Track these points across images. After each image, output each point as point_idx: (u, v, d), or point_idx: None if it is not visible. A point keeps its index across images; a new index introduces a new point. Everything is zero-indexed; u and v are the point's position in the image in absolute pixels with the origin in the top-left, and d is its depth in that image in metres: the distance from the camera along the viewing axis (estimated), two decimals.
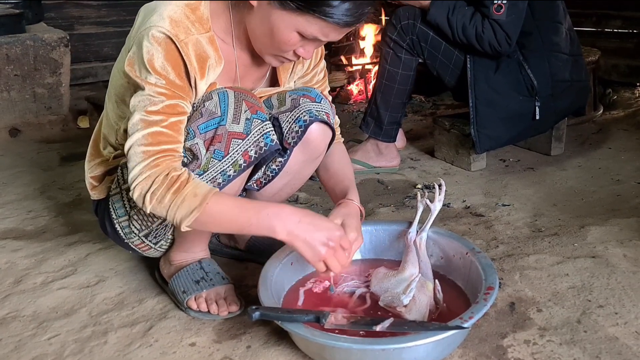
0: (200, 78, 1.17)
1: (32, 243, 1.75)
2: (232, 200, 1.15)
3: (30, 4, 3.24)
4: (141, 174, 1.11)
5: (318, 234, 1.10)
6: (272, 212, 1.10)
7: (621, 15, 3.27)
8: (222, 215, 1.12)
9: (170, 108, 1.13)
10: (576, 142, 2.47)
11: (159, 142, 1.12)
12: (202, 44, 1.16)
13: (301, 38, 1.13)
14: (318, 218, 1.13)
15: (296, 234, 1.10)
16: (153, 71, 1.11)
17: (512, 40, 1.96)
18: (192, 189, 1.10)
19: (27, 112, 2.88)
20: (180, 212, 1.10)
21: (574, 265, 1.44)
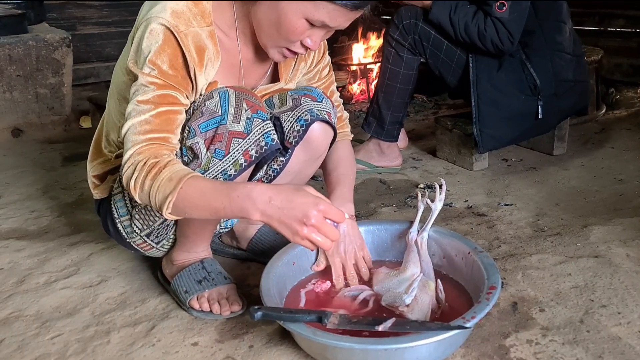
0: (199, 69, 1.17)
1: (35, 243, 1.75)
2: (206, 183, 1.07)
3: (33, 4, 3.25)
4: (126, 162, 1.12)
5: (293, 212, 0.99)
6: (243, 193, 1.01)
7: (624, 14, 3.27)
8: (196, 200, 1.06)
9: (160, 98, 1.14)
10: (579, 142, 2.46)
11: (145, 131, 1.13)
12: (202, 37, 1.16)
13: (309, 26, 1.13)
14: (293, 192, 1.01)
15: (269, 214, 1.00)
16: (148, 61, 1.12)
17: (514, 38, 1.96)
18: (168, 174, 1.08)
19: (30, 112, 2.88)
20: (157, 198, 1.08)
21: (576, 264, 1.44)
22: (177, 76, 1.15)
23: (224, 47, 1.23)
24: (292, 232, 1.00)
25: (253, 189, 1.02)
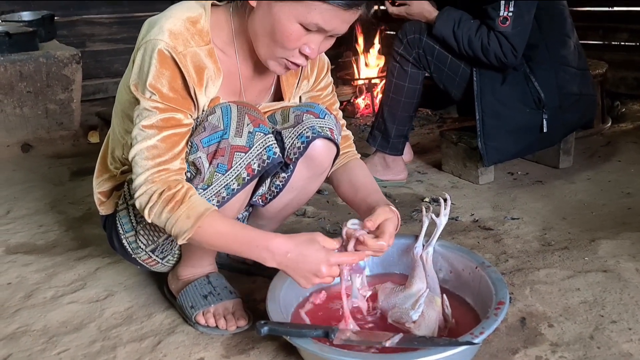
0: (199, 89, 1.18)
1: (42, 257, 1.76)
2: (225, 226, 1.14)
3: (44, 22, 3.30)
4: (140, 188, 1.15)
5: (307, 266, 1.10)
6: (262, 244, 1.11)
7: (628, 28, 3.27)
8: (213, 240, 1.15)
9: (164, 121, 1.15)
10: (585, 155, 2.45)
11: (153, 155, 1.15)
12: (201, 56, 1.17)
13: (305, 31, 1.12)
14: (308, 248, 1.10)
15: (285, 265, 1.11)
16: (148, 85, 1.14)
17: (518, 52, 1.97)
18: (186, 210, 1.13)
19: (39, 127, 2.91)
20: (174, 230, 1.14)
21: (585, 279, 1.43)
22: (177, 98, 1.16)
23: (223, 65, 1.23)
24: (305, 281, 1.12)
25: (271, 242, 1.11)
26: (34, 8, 3.76)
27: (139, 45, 1.18)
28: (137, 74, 1.17)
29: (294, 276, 1.12)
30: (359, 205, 1.35)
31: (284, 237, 1.12)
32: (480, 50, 1.99)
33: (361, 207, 1.33)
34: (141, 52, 1.16)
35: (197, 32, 1.17)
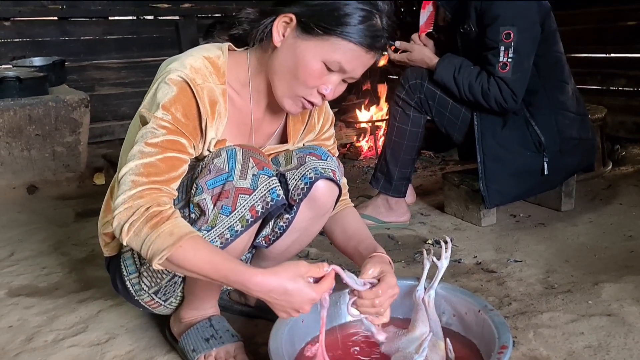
0: (211, 122, 1.21)
1: (44, 300, 1.76)
2: (207, 252, 1.08)
3: (54, 67, 3.39)
4: (124, 203, 1.10)
5: (291, 305, 1.08)
6: (240, 280, 1.06)
7: (626, 74, 3.34)
8: (192, 264, 1.08)
9: (169, 143, 1.16)
10: (586, 198, 2.46)
11: (150, 173, 1.12)
12: (216, 92, 1.21)
13: (326, 70, 1.18)
14: (293, 286, 1.06)
15: (268, 301, 1.08)
16: (161, 107, 1.16)
17: (517, 97, 2.01)
18: (171, 227, 1.08)
19: (46, 169, 2.96)
20: (152, 248, 1.07)
21: (589, 323, 1.42)
22: (188, 125, 1.18)
23: (235, 106, 1.28)
24: (286, 315, 1.10)
25: (251, 280, 1.05)
26: (46, 54, 3.88)
27: (157, 77, 1.22)
28: (150, 99, 1.20)
29: (274, 310, 1.10)
30: (352, 254, 1.39)
31: (266, 273, 1.07)
32: (480, 95, 2.03)
33: (354, 255, 1.38)
34: (159, 82, 1.19)
35: (214, 71, 1.22)
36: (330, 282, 1.11)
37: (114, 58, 4.37)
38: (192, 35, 4.50)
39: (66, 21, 4.18)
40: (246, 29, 1.29)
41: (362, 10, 1.15)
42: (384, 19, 1.18)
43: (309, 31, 1.16)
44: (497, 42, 1.97)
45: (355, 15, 1.15)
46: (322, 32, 1.15)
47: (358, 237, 1.39)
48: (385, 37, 1.20)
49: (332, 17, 1.14)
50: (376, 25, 1.17)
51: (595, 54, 3.53)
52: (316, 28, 1.15)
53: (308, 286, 1.07)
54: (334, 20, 1.14)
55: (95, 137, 3.98)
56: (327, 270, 1.10)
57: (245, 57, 1.30)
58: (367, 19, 1.15)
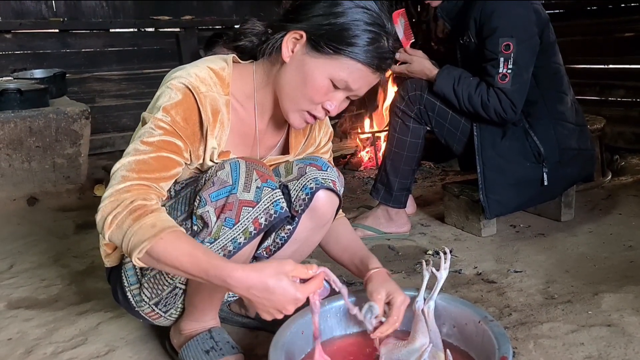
0: (212, 130, 1.23)
1: (44, 312, 1.76)
2: (188, 246, 1.05)
3: (55, 79, 3.40)
4: (110, 197, 1.09)
5: (272, 304, 1.03)
6: (220, 275, 1.01)
7: (624, 85, 3.36)
8: (172, 258, 1.04)
9: (165, 143, 1.17)
10: (586, 208, 2.47)
11: (141, 170, 1.13)
12: (219, 102, 1.23)
13: (332, 87, 1.22)
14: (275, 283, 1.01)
15: (248, 298, 1.03)
16: (162, 109, 1.18)
17: (517, 107, 2.02)
18: (153, 219, 1.07)
19: (46, 181, 2.96)
20: (133, 240, 1.05)
21: (589, 333, 1.41)
22: (187, 129, 1.20)
23: (239, 117, 1.30)
24: (268, 315, 1.05)
25: (231, 274, 1.01)
26: (47, 66, 3.90)
27: (162, 85, 1.23)
28: (153, 103, 1.21)
29: (257, 309, 1.05)
30: (347, 265, 1.43)
31: (248, 268, 1.02)
32: (480, 106, 2.04)
33: (350, 267, 1.42)
34: (163, 88, 1.21)
35: (219, 82, 1.25)
36: (317, 283, 1.05)
37: (115, 70, 4.39)
38: (192, 47, 4.53)
39: (67, 33, 4.21)
40: (253, 42, 1.31)
41: (370, 32, 1.18)
42: (391, 40, 1.22)
43: (319, 49, 1.19)
44: (496, 53, 1.99)
45: (364, 36, 1.18)
46: (332, 51, 1.18)
47: (352, 249, 1.41)
48: (391, 58, 1.24)
49: (342, 37, 1.17)
50: (383, 47, 1.21)
51: (593, 65, 3.56)
52: (326, 47, 1.18)
53: (292, 285, 1.02)
54: (344, 40, 1.17)
55: (95, 149, 3.99)
56: (315, 272, 1.05)
57: (251, 69, 1.32)
58: (375, 41, 1.19)
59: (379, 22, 1.20)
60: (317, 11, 1.20)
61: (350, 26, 1.18)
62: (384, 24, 1.21)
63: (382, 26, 1.21)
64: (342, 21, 1.18)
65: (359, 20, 1.18)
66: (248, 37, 1.32)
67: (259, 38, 1.30)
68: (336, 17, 1.18)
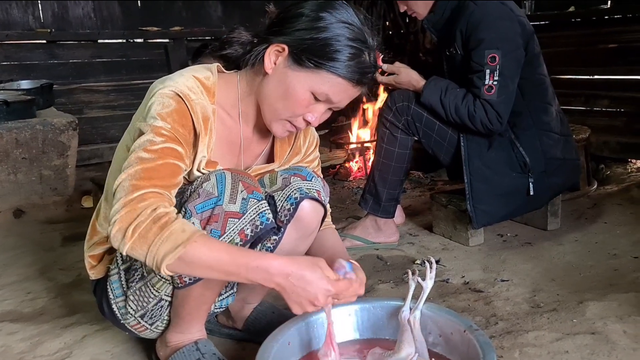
0: (203, 136, 1.23)
1: (29, 325, 1.74)
2: (222, 245, 1.10)
3: (42, 90, 3.39)
4: (125, 207, 1.07)
5: (307, 293, 1.08)
6: (262, 265, 1.06)
7: (608, 95, 3.40)
8: (209, 258, 1.06)
9: (168, 150, 1.17)
10: (572, 217, 2.49)
11: (151, 177, 1.12)
12: (207, 110, 1.24)
13: (314, 100, 1.23)
14: (310, 271, 1.08)
15: (284, 286, 1.08)
16: (160, 117, 1.18)
17: (503, 119, 2.04)
18: (181, 224, 1.08)
19: (33, 193, 2.93)
20: (164, 247, 1.05)
21: (573, 341, 1.42)
22: (185, 135, 1.20)
23: (225, 125, 1.31)
24: (299, 307, 1.10)
25: (272, 263, 1.07)
26: (34, 77, 3.89)
27: (151, 94, 1.23)
28: (145, 113, 1.20)
29: (289, 300, 1.10)
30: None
31: (285, 258, 1.09)
32: (467, 117, 2.06)
33: None
34: (153, 99, 1.21)
35: (205, 91, 1.26)
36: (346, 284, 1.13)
37: (103, 81, 4.38)
38: (181, 58, 4.54)
39: (54, 44, 4.20)
40: (237, 51, 1.32)
41: (352, 47, 1.20)
42: (372, 55, 1.24)
43: (300, 63, 1.20)
44: (482, 65, 2.01)
45: (345, 52, 1.19)
46: (313, 65, 1.19)
47: (332, 251, 1.41)
48: (372, 72, 1.25)
49: (324, 52, 1.19)
50: (365, 61, 1.22)
51: (579, 76, 3.60)
52: (307, 61, 1.20)
53: (325, 278, 1.09)
54: (325, 55, 1.19)
55: (84, 160, 3.97)
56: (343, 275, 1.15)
57: (235, 78, 1.33)
58: (356, 56, 1.20)
59: (361, 38, 1.22)
60: (300, 25, 1.21)
61: (332, 41, 1.19)
62: (366, 39, 1.23)
63: (364, 41, 1.22)
64: (324, 36, 1.19)
65: (340, 36, 1.19)
66: (233, 45, 1.33)
67: (243, 48, 1.32)
68: (318, 32, 1.19)
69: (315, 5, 1.22)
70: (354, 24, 1.22)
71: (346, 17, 1.21)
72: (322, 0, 1.23)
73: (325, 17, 1.20)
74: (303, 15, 1.22)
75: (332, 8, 1.21)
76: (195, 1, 4.73)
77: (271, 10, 1.30)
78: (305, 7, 1.23)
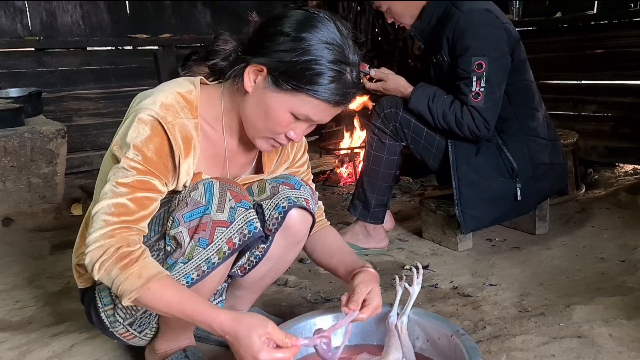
0: (185, 157, 1.22)
1: (17, 334, 1.73)
2: (174, 293, 1.11)
3: (31, 98, 3.38)
4: (95, 242, 1.12)
5: (238, 354, 1.08)
6: (205, 322, 1.09)
7: (596, 100, 3.44)
8: (160, 304, 1.12)
9: (139, 183, 1.17)
10: (560, 221, 2.51)
11: (120, 213, 1.14)
12: (188, 127, 1.22)
13: (294, 119, 1.21)
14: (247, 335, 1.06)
15: (228, 340, 1.09)
16: (133, 147, 1.17)
17: (490, 125, 2.05)
18: (139, 269, 1.11)
19: (21, 201, 2.92)
20: (121, 288, 1.11)
21: (559, 345, 1.44)
22: (159, 164, 1.19)
23: (209, 139, 1.30)
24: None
25: (214, 321, 1.08)
26: (22, 85, 3.87)
27: (129, 113, 1.22)
28: (122, 136, 1.19)
29: (234, 352, 1.10)
30: (335, 268, 1.40)
31: (230, 316, 1.09)
32: (454, 124, 2.07)
33: (338, 270, 1.39)
34: (131, 119, 1.20)
35: (186, 106, 1.23)
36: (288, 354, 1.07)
37: (92, 88, 4.37)
38: (170, 65, 4.54)
39: (43, 52, 4.19)
40: (220, 64, 1.29)
41: (333, 70, 1.15)
42: (355, 71, 1.20)
43: (279, 85, 1.17)
44: (469, 72, 2.03)
45: (326, 75, 1.15)
46: (291, 88, 1.16)
47: (342, 252, 1.40)
48: (355, 89, 1.21)
49: (303, 75, 1.15)
50: (347, 81, 1.18)
51: (566, 81, 3.64)
52: (285, 84, 1.16)
53: (258, 344, 1.05)
54: (305, 78, 1.15)
55: (73, 168, 3.96)
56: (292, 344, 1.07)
57: (219, 92, 1.31)
58: (337, 78, 1.16)
59: (341, 59, 1.17)
60: (279, 46, 1.17)
61: (312, 64, 1.14)
62: (347, 57, 1.18)
63: (344, 62, 1.17)
64: (304, 59, 1.14)
65: (321, 58, 1.15)
66: (218, 56, 1.29)
67: (226, 60, 1.28)
68: (298, 55, 1.15)
69: (296, 24, 1.17)
70: (335, 42, 1.16)
71: (327, 36, 1.16)
72: (303, 17, 1.18)
73: (305, 37, 1.15)
74: (282, 35, 1.17)
75: (313, 27, 1.16)
76: (184, 8, 4.73)
77: (254, 20, 1.26)
78: (285, 25, 1.18)
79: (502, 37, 2.09)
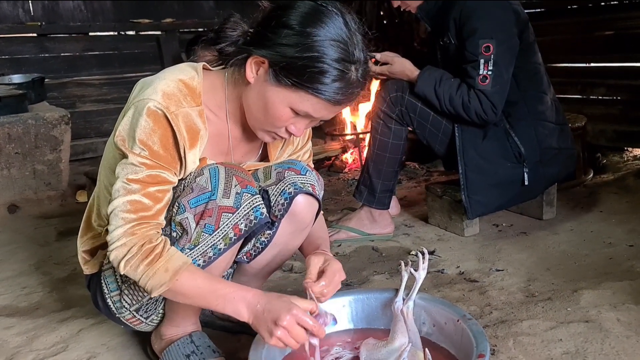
0: (190, 148, 1.20)
1: (24, 320, 1.74)
2: (203, 279, 1.15)
3: (34, 85, 3.36)
4: (119, 240, 1.14)
5: (270, 314, 1.10)
6: (239, 296, 1.13)
7: (605, 83, 3.39)
8: (191, 293, 1.15)
9: (150, 177, 1.16)
10: (568, 206, 2.49)
11: (137, 209, 1.15)
12: (192, 116, 1.20)
13: (294, 114, 1.18)
14: (277, 300, 1.11)
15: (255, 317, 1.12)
16: (138, 141, 1.15)
17: (497, 109, 2.03)
18: (164, 263, 1.13)
19: (27, 188, 2.92)
20: (150, 283, 1.14)
21: (567, 330, 1.43)
22: (167, 156, 1.18)
23: (213, 126, 1.28)
24: (268, 332, 1.10)
25: (248, 294, 1.13)
26: (25, 71, 3.86)
27: (130, 104, 1.21)
28: (126, 130, 1.18)
29: (259, 329, 1.12)
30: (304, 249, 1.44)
31: (260, 291, 1.15)
32: (461, 108, 2.05)
33: (305, 249, 1.43)
34: (132, 110, 1.18)
35: (189, 94, 1.21)
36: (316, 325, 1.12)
37: (95, 74, 4.35)
38: (173, 50, 4.51)
39: (45, 38, 4.17)
40: (227, 49, 1.24)
41: (336, 69, 1.11)
42: (360, 69, 1.15)
43: (280, 80, 1.14)
44: (476, 55, 2.00)
45: (329, 73, 1.11)
46: (291, 84, 1.13)
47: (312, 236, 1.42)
48: (360, 88, 1.17)
49: (305, 72, 1.10)
50: (351, 79, 1.14)
51: (574, 64, 3.59)
52: (286, 79, 1.12)
53: (290, 303, 1.10)
54: (307, 76, 1.10)
55: (77, 155, 3.96)
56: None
57: (222, 78, 1.28)
58: (341, 77, 1.12)
59: (346, 57, 1.11)
60: (282, 40, 1.12)
61: (315, 62, 1.10)
62: (352, 55, 1.12)
63: (349, 60, 1.12)
64: (307, 55, 1.10)
65: (325, 56, 1.10)
66: (226, 39, 1.24)
67: (234, 45, 1.23)
68: (302, 50, 1.10)
69: (301, 17, 1.12)
70: (341, 39, 1.11)
71: (333, 32, 1.11)
72: (310, 10, 1.13)
73: (311, 33, 1.10)
74: (287, 27, 1.12)
75: (319, 22, 1.11)
76: None
77: (264, 6, 1.21)
78: (290, 17, 1.12)
79: (510, 19, 2.05)
